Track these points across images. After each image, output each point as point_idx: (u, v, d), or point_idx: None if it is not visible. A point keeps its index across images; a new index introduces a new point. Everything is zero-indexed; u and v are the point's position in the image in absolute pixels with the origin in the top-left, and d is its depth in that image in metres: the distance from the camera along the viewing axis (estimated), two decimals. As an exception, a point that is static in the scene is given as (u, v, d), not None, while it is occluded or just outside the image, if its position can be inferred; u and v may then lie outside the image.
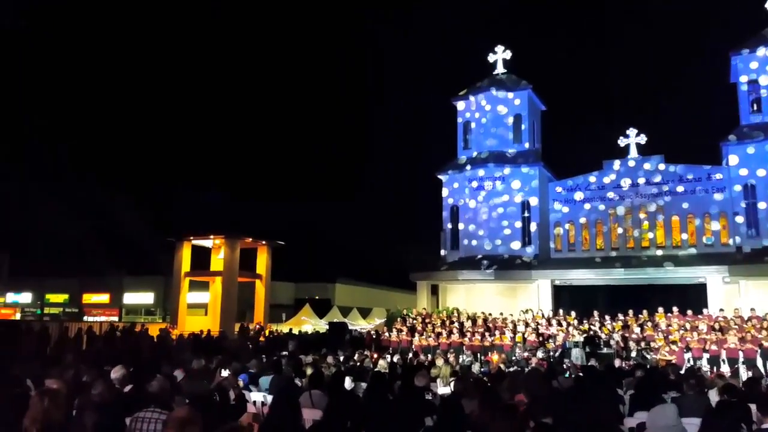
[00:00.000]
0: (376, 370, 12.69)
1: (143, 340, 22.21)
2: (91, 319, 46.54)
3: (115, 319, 48.21)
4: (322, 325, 38.79)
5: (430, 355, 21.03)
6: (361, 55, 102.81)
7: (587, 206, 29.15)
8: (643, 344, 21.33)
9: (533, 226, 29.71)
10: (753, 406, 6.02)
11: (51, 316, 53.04)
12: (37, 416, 4.04)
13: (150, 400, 5.59)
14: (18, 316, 53.98)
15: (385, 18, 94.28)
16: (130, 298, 56.35)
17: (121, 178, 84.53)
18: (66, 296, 59.02)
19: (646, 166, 28.18)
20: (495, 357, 20.24)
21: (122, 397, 6.41)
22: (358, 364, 16.04)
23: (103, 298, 57.29)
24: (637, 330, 22.54)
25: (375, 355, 20.15)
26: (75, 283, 57.39)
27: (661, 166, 27.91)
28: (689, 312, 23.06)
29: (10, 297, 59.59)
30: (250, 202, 78.61)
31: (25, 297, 60.37)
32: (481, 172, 30.54)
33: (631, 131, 29.20)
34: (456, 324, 25.32)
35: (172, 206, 67.49)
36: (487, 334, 23.95)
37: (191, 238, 33.90)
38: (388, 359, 18.29)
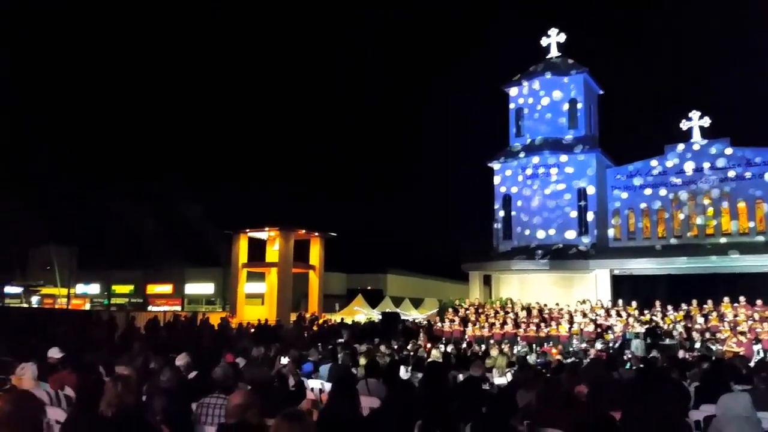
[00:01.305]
0: (430, 359, 12.73)
1: (205, 329, 22.95)
2: (155, 308, 48.37)
3: (178, 308, 49.94)
4: (374, 315, 39.08)
5: (483, 346, 20.92)
6: (410, 44, 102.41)
7: (648, 193, 28.14)
8: (707, 335, 20.56)
9: (590, 215, 28.94)
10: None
11: (118, 306, 55.43)
12: (112, 400, 4.26)
13: (214, 386, 5.81)
14: (87, 307, 56.68)
15: (433, 2, 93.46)
16: (192, 288, 58.37)
17: (181, 174, 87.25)
18: (131, 287, 61.61)
19: (711, 150, 26.96)
20: (554, 350, 19.88)
21: (188, 384, 6.67)
22: (412, 353, 16.15)
23: (166, 288, 59.55)
24: (701, 320, 21.75)
25: (428, 345, 20.22)
26: (140, 275, 59.88)
27: (728, 150, 26.63)
28: (758, 302, 21.99)
29: (80, 288, 62.58)
30: (304, 195, 79.85)
31: (94, 288, 63.35)
32: (535, 160, 29.91)
33: (694, 114, 28.07)
34: (510, 314, 25.04)
35: (229, 200, 69.21)
36: (542, 324, 23.60)
37: (247, 230, 34.73)
38: (441, 349, 18.31)
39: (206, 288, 57.79)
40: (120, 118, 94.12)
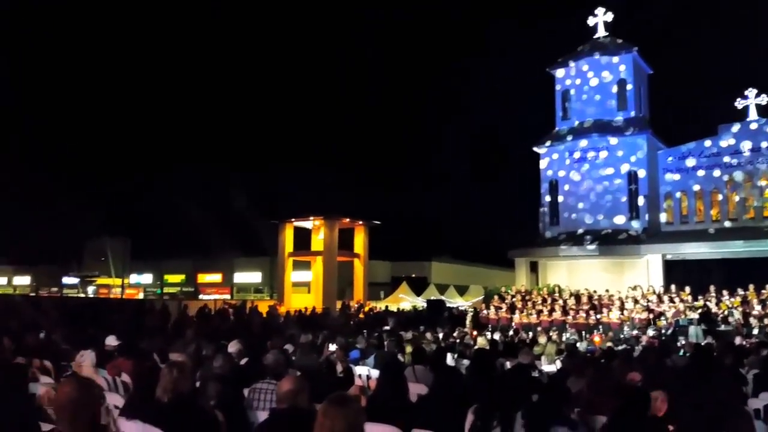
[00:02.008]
0: (477, 347, 12.67)
1: (254, 317, 23.47)
2: (205, 297, 49.74)
3: (227, 297, 51.23)
4: (419, 303, 39.13)
5: (530, 333, 20.70)
6: (453, 27, 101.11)
7: (701, 174, 27.12)
8: (766, 321, 19.80)
9: (641, 198, 28.10)
10: None
11: (170, 295, 57.24)
12: (168, 386, 4.39)
13: (265, 372, 5.93)
14: (141, 296, 58.74)
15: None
16: (240, 277, 59.74)
17: (228, 164, 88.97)
18: (183, 276, 63.50)
19: (767, 128, 25.80)
20: (597, 338, 19.40)
21: (240, 370, 6.83)
22: (458, 341, 16.11)
23: (216, 277, 61.13)
24: (758, 306, 20.94)
25: (474, 332, 20.13)
26: (190, 264, 61.69)
27: (787, 130, 25.46)
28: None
29: (134, 278, 64.91)
30: (348, 183, 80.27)
31: (146, 278, 65.57)
32: (583, 143, 29.19)
33: (750, 92, 26.89)
34: (559, 301, 24.65)
35: (276, 189, 70.31)
36: (592, 311, 23.14)
37: (292, 220, 35.21)
38: (488, 336, 18.20)
39: (254, 277, 59.03)
40: (170, 110, 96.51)
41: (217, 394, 5.38)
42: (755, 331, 19.22)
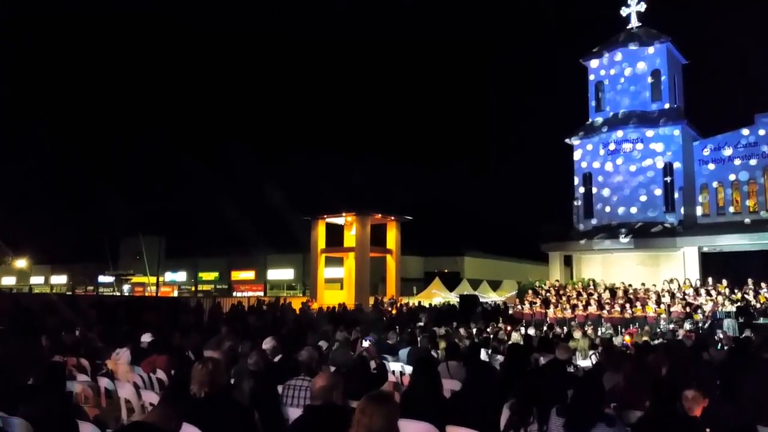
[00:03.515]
0: (511, 342, 12.57)
1: (287, 314, 23.69)
2: (239, 294, 50.41)
3: (261, 293, 51.86)
4: (452, 298, 38.98)
5: (565, 328, 20.45)
6: (487, 18, 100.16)
7: (738, 165, 26.42)
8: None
9: (677, 190, 27.49)
10: None
11: (204, 292, 58.21)
12: (203, 381, 4.45)
13: (299, 369, 5.99)
14: (176, 294, 59.83)
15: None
16: (273, 274, 60.38)
17: (259, 161, 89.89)
18: (216, 274, 64.49)
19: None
20: (627, 337, 18.86)
21: (274, 366, 6.90)
22: (492, 336, 16.01)
23: (249, 274, 61.92)
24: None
25: (508, 328, 19.98)
26: (224, 262, 62.60)
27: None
28: None
29: (168, 276, 66.10)
30: (381, 179, 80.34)
31: (181, 276, 66.76)
32: (616, 134, 28.69)
33: (790, 78, 26.04)
34: (594, 296, 24.29)
35: (308, 185, 70.80)
36: (627, 305, 22.75)
37: (324, 216, 35.39)
38: (522, 331, 18.04)
39: (287, 273, 59.61)
40: (202, 108, 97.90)
41: (251, 390, 5.45)
42: (797, 324, 18.67)
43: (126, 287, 62.66)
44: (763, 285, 21.68)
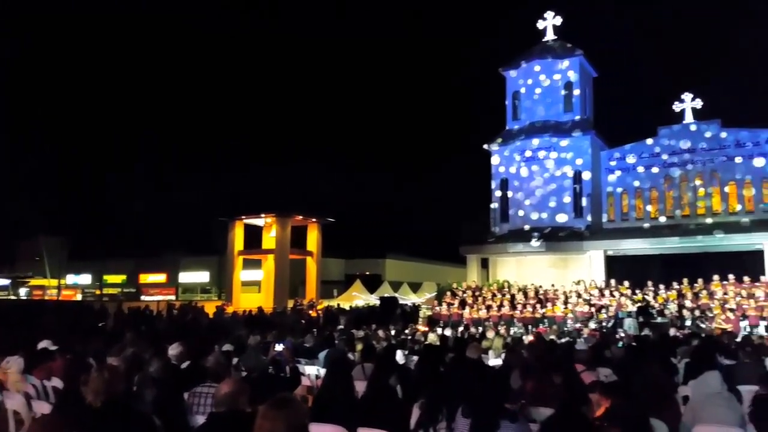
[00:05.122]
0: (427, 342, 12.73)
1: (199, 318, 22.93)
2: (148, 298, 48.33)
3: (172, 298, 49.91)
4: (373, 300, 39.14)
5: (480, 328, 20.98)
6: (407, 26, 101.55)
7: (641, 174, 28.21)
8: (698, 313, 20.73)
9: (585, 197, 28.98)
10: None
11: (110, 296, 55.24)
12: (100, 390, 4.19)
13: (206, 376, 5.77)
14: (79, 297, 56.53)
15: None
16: (186, 277, 58.18)
17: (174, 161, 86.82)
18: (124, 277, 61.35)
19: (702, 131, 27.01)
20: (530, 337, 19.48)
21: (179, 373, 6.62)
22: (410, 337, 16.16)
23: (160, 277, 59.33)
24: (691, 299, 21.91)
25: (426, 329, 20.27)
26: (132, 264, 59.65)
27: (721, 133, 26.74)
28: (746, 279, 22.18)
29: (71, 279, 62.20)
30: (301, 181, 79.58)
31: (85, 278, 62.99)
32: (532, 142, 29.86)
33: (686, 96, 28.14)
34: (507, 296, 25.12)
35: (225, 187, 69.02)
36: (538, 305, 23.69)
37: (243, 217, 34.63)
38: (439, 332, 18.33)
39: (201, 276, 57.64)
40: (113, 105, 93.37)
41: (153, 399, 5.19)
42: (688, 323, 20.10)
43: (23, 290, 58.53)
44: (661, 287, 23.18)
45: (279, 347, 9.22)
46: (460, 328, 21.42)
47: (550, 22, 31.55)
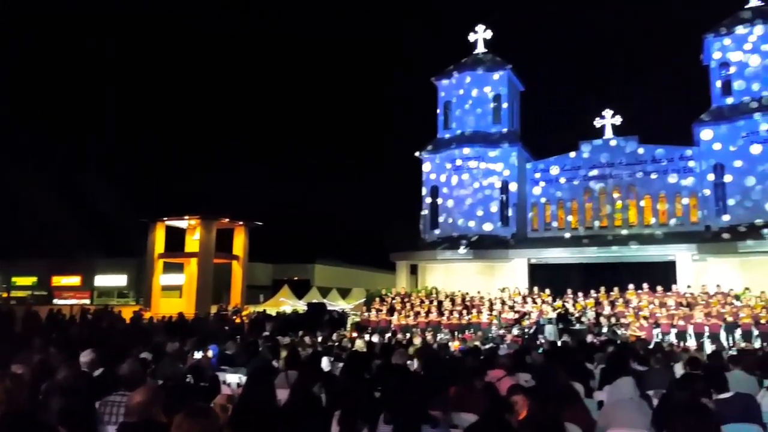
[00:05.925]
0: (353, 349, 12.69)
1: (115, 323, 21.88)
2: (60, 302, 45.68)
3: (87, 301, 47.46)
4: (301, 306, 38.69)
5: (408, 334, 21.13)
6: (340, 33, 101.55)
7: (563, 186, 29.41)
8: (614, 320, 21.72)
9: (511, 206, 29.91)
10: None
11: (18, 299, 51.80)
12: (1, 399, 3.92)
13: (120, 383, 5.49)
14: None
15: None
16: (102, 280, 55.36)
17: (93, 158, 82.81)
18: (34, 279, 57.67)
19: (621, 146, 28.47)
20: (456, 343, 19.78)
21: (92, 381, 6.28)
22: (337, 344, 16.06)
23: (74, 280, 56.16)
24: (608, 307, 22.92)
25: (353, 335, 20.20)
26: (44, 265, 56.17)
27: (638, 149, 28.21)
28: (659, 289, 23.50)
29: (-28, 280, 57.96)
30: (228, 183, 77.73)
31: (-11, 280, 58.85)
32: (462, 152, 30.55)
33: (607, 112, 29.50)
34: (434, 303, 25.45)
35: (146, 187, 66.36)
36: (464, 312, 24.13)
37: (165, 219, 33.44)
38: (367, 338, 18.32)
39: (119, 280, 55.05)
40: (32, 93, 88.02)
41: (60, 409, 4.87)
42: (604, 330, 21.02)
43: None
44: (580, 294, 24.18)
45: (198, 355, 8.91)
46: (388, 335, 21.51)
47: (480, 35, 32.48)
